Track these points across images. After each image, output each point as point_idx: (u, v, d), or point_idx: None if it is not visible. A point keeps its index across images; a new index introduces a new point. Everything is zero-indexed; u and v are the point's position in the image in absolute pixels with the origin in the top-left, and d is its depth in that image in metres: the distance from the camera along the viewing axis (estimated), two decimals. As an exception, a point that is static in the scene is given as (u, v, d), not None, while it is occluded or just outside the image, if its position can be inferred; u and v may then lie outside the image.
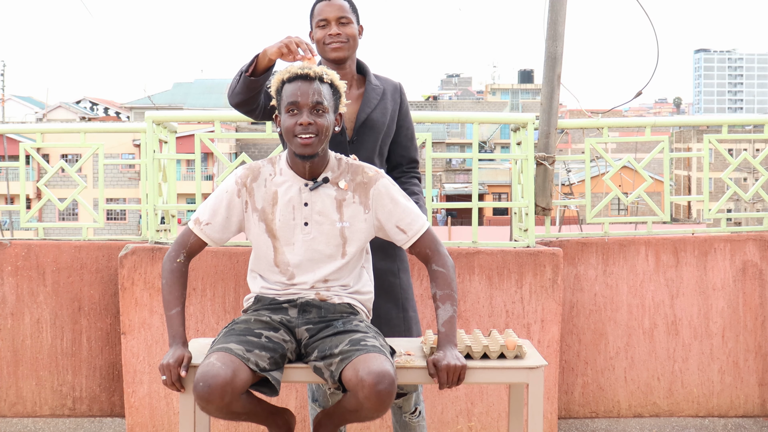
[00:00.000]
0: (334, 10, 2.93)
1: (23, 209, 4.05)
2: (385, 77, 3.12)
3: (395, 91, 3.08)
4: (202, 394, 2.28)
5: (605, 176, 4.10)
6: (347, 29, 2.94)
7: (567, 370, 4.02)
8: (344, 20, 2.93)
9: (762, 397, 4.08)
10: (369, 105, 2.98)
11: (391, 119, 3.04)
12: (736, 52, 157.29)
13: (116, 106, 58.33)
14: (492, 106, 61.79)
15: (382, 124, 2.99)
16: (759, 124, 4.23)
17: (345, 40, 2.93)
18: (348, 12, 2.95)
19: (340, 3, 2.95)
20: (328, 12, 2.93)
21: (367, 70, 3.07)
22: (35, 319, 3.94)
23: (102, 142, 4.03)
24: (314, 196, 2.56)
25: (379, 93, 3.02)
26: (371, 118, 2.97)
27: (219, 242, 2.63)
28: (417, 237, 2.59)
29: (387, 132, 3.03)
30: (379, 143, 3.00)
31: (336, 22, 2.93)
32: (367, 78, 3.04)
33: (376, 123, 2.98)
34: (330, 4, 2.94)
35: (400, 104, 3.08)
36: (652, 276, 4.00)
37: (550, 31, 4.10)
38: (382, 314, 2.92)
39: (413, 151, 3.13)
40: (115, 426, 3.89)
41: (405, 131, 3.10)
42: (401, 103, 3.09)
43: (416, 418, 3.00)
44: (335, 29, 2.93)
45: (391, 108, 3.04)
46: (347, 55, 2.95)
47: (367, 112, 2.97)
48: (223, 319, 3.65)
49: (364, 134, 2.96)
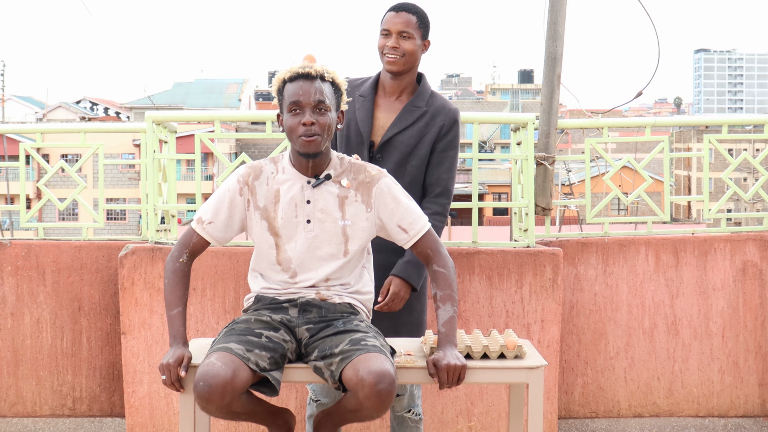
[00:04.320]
0: (399, 23, 2.92)
1: (23, 209, 4.05)
2: (442, 99, 3.04)
3: (439, 115, 2.98)
4: (202, 393, 2.28)
5: (605, 176, 4.10)
6: (407, 44, 2.92)
7: (567, 370, 4.02)
8: (406, 34, 2.92)
9: (762, 397, 4.08)
10: (398, 125, 2.96)
11: (422, 143, 2.96)
12: (736, 52, 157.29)
13: (116, 106, 58.32)
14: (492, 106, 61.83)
15: (408, 146, 2.95)
16: (759, 124, 4.22)
17: (401, 54, 2.92)
18: (412, 27, 2.92)
19: (406, 17, 2.93)
20: (392, 23, 2.93)
21: (421, 88, 3.01)
22: (35, 319, 3.94)
23: (102, 142, 4.03)
24: (317, 194, 2.57)
25: (416, 114, 2.96)
26: (397, 137, 2.95)
27: (222, 241, 2.63)
28: (418, 237, 2.59)
29: (413, 153, 2.97)
30: (405, 165, 2.96)
31: (397, 34, 2.92)
32: (413, 97, 2.99)
33: (401, 144, 2.95)
34: (397, 16, 2.94)
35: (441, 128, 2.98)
36: (652, 276, 4.00)
37: (550, 31, 4.10)
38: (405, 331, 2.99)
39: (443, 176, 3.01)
40: (115, 426, 3.89)
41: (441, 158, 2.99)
42: (442, 127, 2.98)
43: (414, 416, 3.00)
44: (394, 42, 2.92)
45: (424, 131, 2.97)
46: (401, 69, 2.94)
47: (393, 132, 2.95)
48: (223, 319, 3.65)
49: (388, 152, 2.95)
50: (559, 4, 4.07)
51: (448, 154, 3.01)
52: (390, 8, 2.97)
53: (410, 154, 2.97)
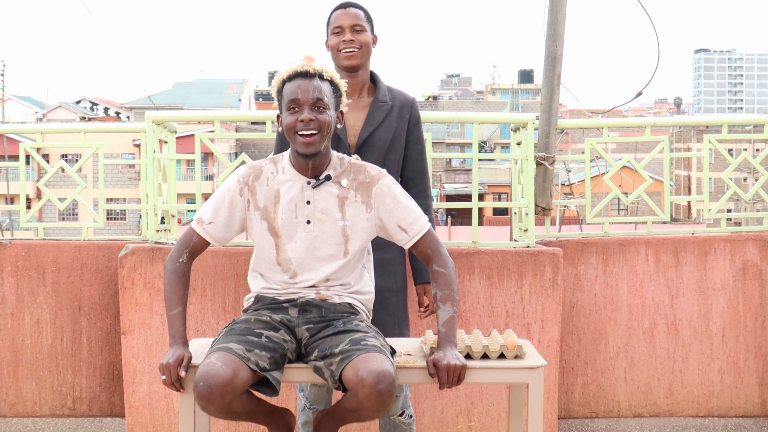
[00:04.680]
0: (349, 18, 3.01)
1: (23, 209, 4.05)
2: (399, 91, 3.14)
3: (404, 107, 3.09)
4: (202, 393, 2.28)
5: (605, 176, 4.10)
6: (361, 37, 3.00)
7: (567, 370, 4.02)
8: (358, 28, 3.00)
9: (762, 397, 4.08)
10: (372, 123, 3.01)
11: (397, 136, 3.05)
12: (736, 52, 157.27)
13: (116, 106, 58.32)
14: (492, 106, 61.80)
15: (384, 141, 3.01)
16: (759, 124, 4.22)
17: (358, 47, 2.99)
18: (362, 20, 3.02)
19: (355, 11, 3.02)
20: (343, 20, 3.01)
21: (379, 83, 3.09)
22: (35, 319, 3.94)
23: (102, 142, 4.03)
24: (317, 194, 2.57)
25: (385, 110, 3.04)
26: (373, 136, 3.00)
27: (221, 241, 2.63)
28: (418, 237, 2.59)
29: (391, 149, 3.04)
30: (385, 161, 3.01)
31: (350, 29, 3.00)
32: (375, 94, 3.06)
33: (379, 141, 3.01)
34: (345, 13, 3.02)
35: (409, 119, 3.09)
36: (652, 276, 4.00)
37: (550, 31, 4.10)
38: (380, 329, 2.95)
39: (422, 165, 3.13)
40: (115, 426, 3.89)
41: (413, 145, 3.11)
42: (410, 119, 3.09)
43: (407, 419, 3.00)
44: (349, 36, 2.99)
45: (396, 125, 3.05)
46: (360, 62, 3.01)
47: (369, 130, 3.00)
48: (223, 319, 3.65)
49: (367, 152, 2.99)
50: (559, 4, 4.07)
51: (422, 145, 3.14)
52: (336, 7, 3.06)
53: (387, 150, 3.03)
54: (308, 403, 3.02)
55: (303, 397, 3.03)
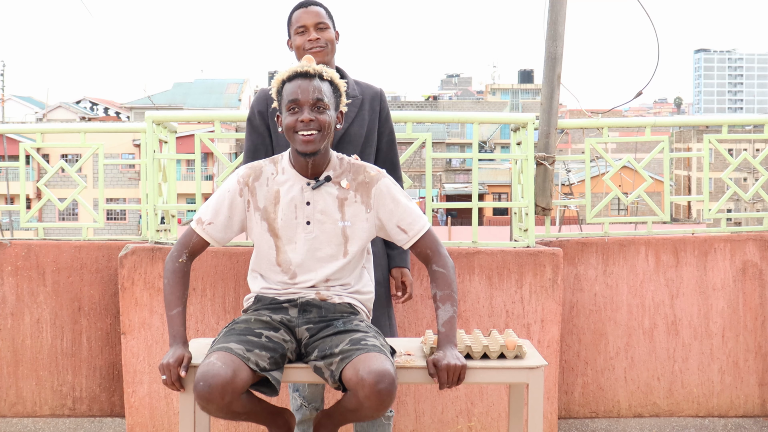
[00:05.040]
0: (312, 16, 3.01)
1: (23, 209, 4.05)
2: (366, 83, 3.14)
3: (374, 99, 3.10)
4: (202, 393, 2.28)
5: (605, 176, 4.10)
6: (325, 34, 3.01)
7: (567, 370, 4.02)
8: (322, 26, 3.01)
9: (762, 397, 4.08)
10: (346, 120, 3.01)
11: (370, 129, 3.06)
12: (736, 52, 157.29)
13: (116, 106, 58.32)
14: (492, 106, 61.81)
15: (359, 136, 3.03)
16: (759, 124, 4.22)
17: (324, 44, 3.00)
18: (325, 18, 3.02)
19: (316, 9, 3.03)
20: (305, 19, 3.01)
21: (347, 78, 3.09)
22: (35, 319, 3.94)
23: (102, 142, 4.03)
24: (316, 195, 2.57)
25: (357, 104, 3.04)
26: (349, 132, 3.01)
27: (221, 242, 2.63)
28: (418, 237, 2.59)
29: (366, 142, 3.05)
30: (362, 155, 3.03)
31: (314, 27, 3.00)
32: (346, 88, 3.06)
33: (354, 136, 3.02)
34: (307, 11, 3.02)
35: (380, 111, 3.10)
36: (652, 276, 4.00)
37: (550, 31, 4.10)
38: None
39: (394, 156, 3.15)
40: (115, 426, 3.89)
41: (385, 137, 3.12)
42: (380, 111, 3.10)
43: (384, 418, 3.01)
44: (314, 35, 3.00)
45: (368, 118, 3.06)
46: (327, 59, 3.02)
47: (344, 126, 3.01)
48: (223, 319, 3.65)
49: (344, 148, 2.99)
50: (559, 4, 4.07)
51: (393, 137, 3.15)
52: (296, 7, 3.05)
53: (364, 144, 3.04)
54: (305, 402, 3.02)
55: (299, 397, 3.03)
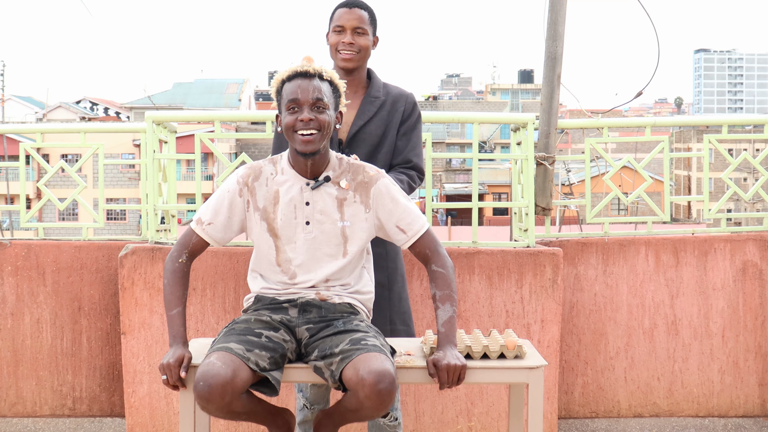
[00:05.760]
0: (352, 19, 2.95)
1: (23, 209, 4.05)
2: (395, 87, 3.09)
3: (399, 102, 3.04)
4: (202, 393, 2.28)
5: (605, 176, 4.10)
6: (361, 40, 2.96)
7: (567, 370, 4.02)
8: (360, 30, 2.95)
9: (762, 397, 4.08)
10: (362, 117, 2.98)
11: (388, 130, 3.01)
12: (736, 52, 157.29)
13: (116, 106, 58.33)
14: (492, 106, 61.80)
15: (375, 136, 2.99)
16: (759, 124, 4.22)
17: (357, 50, 2.95)
18: (365, 23, 2.96)
19: (359, 13, 2.96)
20: (345, 20, 2.96)
21: (373, 80, 3.05)
22: (35, 319, 3.94)
23: (102, 142, 4.03)
24: (315, 195, 2.57)
25: (377, 105, 3.00)
26: (364, 130, 2.98)
27: (221, 242, 2.63)
28: (417, 237, 2.59)
29: (382, 143, 3.00)
30: (376, 155, 2.99)
31: (352, 31, 2.95)
32: (368, 90, 3.02)
33: (369, 135, 2.98)
34: (349, 12, 2.96)
35: (404, 114, 3.04)
36: (652, 276, 4.00)
37: (550, 31, 4.10)
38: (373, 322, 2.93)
39: (413, 156, 3.06)
40: (115, 426, 3.89)
41: (406, 140, 3.05)
42: (404, 113, 3.04)
43: (392, 422, 2.98)
44: (349, 38, 2.94)
45: (389, 119, 3.01)
46: (356, 65, 2.98)
47: (359, 124, 2.98)
48: (223, 319, 3.65)
49: (356, 145, 2.97)
50: (559, 4, 4.07)
51: (411, 135, 3.07)
52: (341, 5, 3.00)
53: (379, 144, 3.00)
54: (308, 403, 3.01)
55: (302, 397, 3.03)
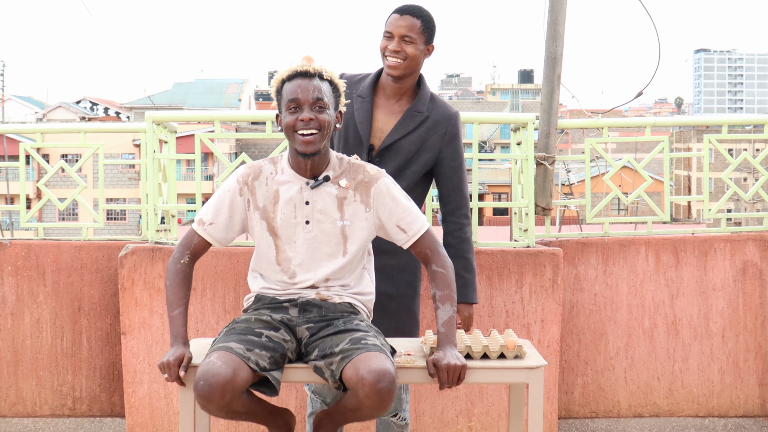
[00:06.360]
0: (402, 26, 2.88)
1: (23, 209, 4.05)
2: (443, 102, 3.01)
3: (441, 121, 2.96)
4: (202, 392, 2.28)
5: (605, 176, 4.10)
6: (408, 48, 2.87)
7: (567, 370, 4.02)
8: (408, 39, 2.86)
9: (762, 397, 4.08)
10: (401, 130, 2.92)
11: (425, 149, 2.94)
12: (736, 52, 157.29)
13: (116, 106, 58.32)
14: (492, 106, 61.84)
15: (410, 152, 2.92)
16: (759, 124, 4.23)
17: (402, 58, 2.87)
18: (416, 32, 2.87)
19: (410, 21, 2.88)
20: (395, 26, 2.88)
21: (422, 92, 2.97)
22: (35, 319, 3.94)
23: (102, 142, 4.03)
24: (315, 195, 2.57)
25: (418, 120, 2.93)
26: (399, 143, 2.92)
27: (223, 242, 2.63)
28: (417, 237, 2.59)
29: (415, 160, 2.94)
30: (405, 170, 2.94)
31: (400, 38, 2.87)
32: (414, 102, 2.95)
33: (403, 149, 2.92)
34: (401, 19, 2.88)
35: (445, 135, 2.96)
36: (652, 276, 4.00)
37: (550, 31, 4.10)
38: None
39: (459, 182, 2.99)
40: (115, 426, 3.89)
41: (447, 162, 2.98)
42: (446, 134, 2.97)
43: (401, 422, 2.97)
44: (396, 45, 2.87)
45: (426, 137, 2.94)
46: (402, 74, 2.89)
47: (395, 137, 2.92)
48: (223, 319, 3.65)
49: (389, 157, 2.92)
50: (559, 4, 4.07)
51: (458, 162, 2.99)
52: (395, 10, 2.92)
53: (410, 160, 2.94)
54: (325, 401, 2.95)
55: (318, 400, 2.98)
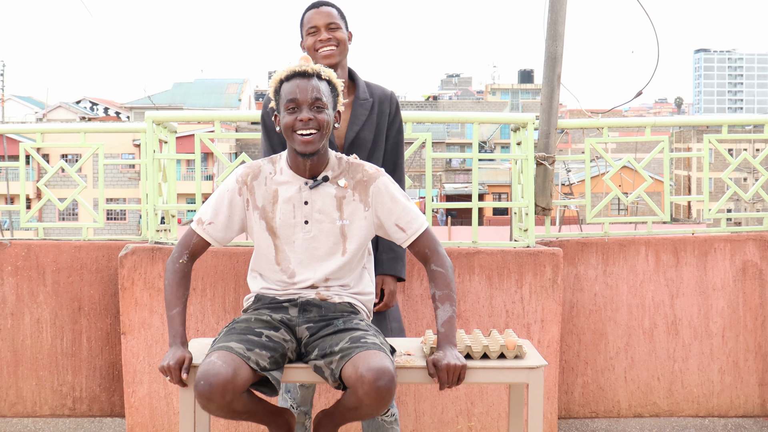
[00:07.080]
0: (323, 16, 3.01)
1: (23, 209, 4.05)
2: (376, 85, 3.13)
3: (383, 102, 3.08)
4: (203, 392, 2.28)
5: (605, 176, 4.10)
6: (337, 34, 3.00)
7: (567, 370, 4.02)
8: (333, 26, 3.00)
9: (762, 397, 4.08)
10: (357, 123, 3.01)
11: (379, 132, 3.05)
12: (736, 52, 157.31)
13: (116, 106, 58.32)
14: (492, 106, 61.83)
15: (369, 141, 3.02)
16: (759, 124, 4.23)
17: (335, 44, 2.99)
18: (336, 18, 3.02)
19: (328, 10, 3.02)
20: (317, 19, 3.01)
21: (357, 80, 3.08)
22: (35, 319, 3.94)
23: (102, 142, 4.03)
24: (314, 195, 2.57)
25: (367, 108, 3.04)
26: (359, 136, 3.01)
27: (222, 242, 2.63)
28: (416, 236, 2.59)
29: (375, 146, 3.05)
30: (371, 159, 3.02)
31: (325, 28, 3.00)
32: (356, 92, 3.05)
33: (364, 141, 3.01)
34: (319, 12, 3.02)
35: (389, 114, 3.08)
36: (652, 276, 4.00)
37: (550, 31, 4.10)
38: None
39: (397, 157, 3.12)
40: (115, 426, 3.89)
41: (391, 139, 3.10)
42: (389, 114, 3.08)
43: (389, 418, 2.99)
44: (325, 35, 2.99)
45: (377, 121, 3.05)
46: (338, 60, 3.01)
47: (355, 130, 3.00)
48: (223, 319, 3.65)
49: (354, 151, 2.98)
50: (559, 4, 4.07)
51: (399, 138, 3.13)
52: (308, 7, 3.06)
53: (372, 148, 3.04)
54: (294, 404, 3.00)
55: (290, 398, 3.01)
